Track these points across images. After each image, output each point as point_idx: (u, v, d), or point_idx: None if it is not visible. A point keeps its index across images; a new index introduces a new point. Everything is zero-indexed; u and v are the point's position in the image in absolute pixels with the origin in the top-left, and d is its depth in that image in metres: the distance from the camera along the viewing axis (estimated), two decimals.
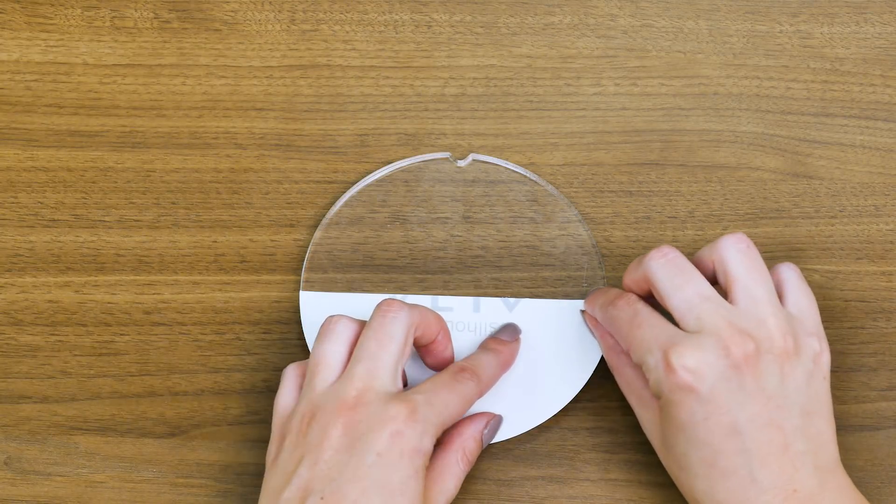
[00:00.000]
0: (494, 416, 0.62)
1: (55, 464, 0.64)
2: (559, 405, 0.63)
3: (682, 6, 0.71)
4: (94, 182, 0.68)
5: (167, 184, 0.68)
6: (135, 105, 0.70)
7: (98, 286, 0.67)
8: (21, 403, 0.65)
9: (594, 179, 0.68)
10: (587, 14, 0.71)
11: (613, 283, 0.66)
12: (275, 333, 0.66)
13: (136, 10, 0.71)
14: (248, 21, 0.71)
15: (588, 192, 0.68)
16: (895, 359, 0.66)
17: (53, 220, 0.68)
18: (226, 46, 0.71)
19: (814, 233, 0.67)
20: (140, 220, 0.68)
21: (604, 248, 0.67)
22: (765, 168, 0.69)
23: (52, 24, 0.71)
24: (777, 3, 0.71)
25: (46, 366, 0.65)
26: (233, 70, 0.70)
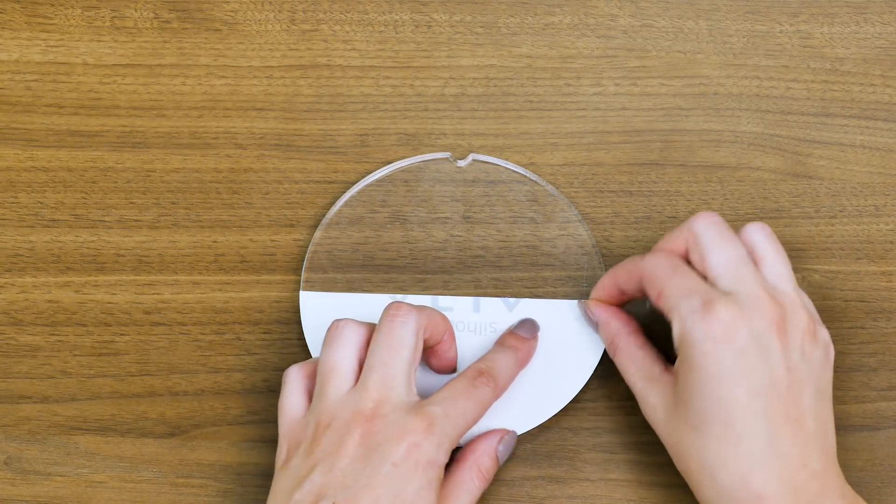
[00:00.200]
0: (508, 432, 0.62)
1: (55, 464, 0.64)
2: (559, 405, 0.63)
3: (682, 6, 0.71)
4: (94, 182, 0.68)
5: (167, 184, 0.68)
6: (135, 105, 0.70)
7: (98, 286, 0.67)
8: (21, 403, 0.65)
9: (594, 179, 0.68)
10: (587, 14, 0.71)
11: None
12: (275, 333, 0.66)
13: (136, 10, 0.71)
14: (248, 21, 0.71)
15: (588, 192, 0.68)
16: (895, 359, 0.65)
17: (53, 220, 0.68)
18: (226, 46, 0.71)
19: (814, 233, 0.67)
20: (140, 220, 0.68)
21: (604, 248, 0.67)
22: (765, 168, 0.69)
23: (52, 24, 0.71)
24: (777, 3, 0.71)
25: (46, 366, 0.65)
26: (233, 70, 0.70)
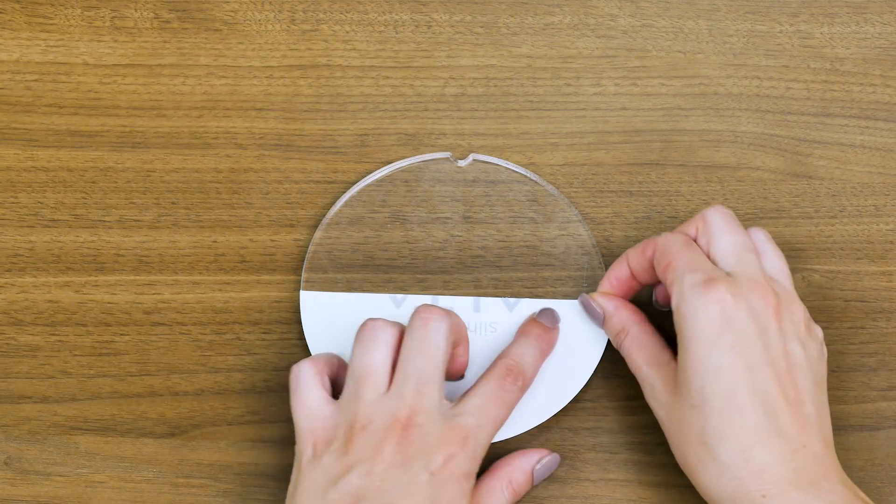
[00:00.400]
0: (550, 454, 0.62)
1: (55, 464, 0.64)
2: (559, 405, 0.63)
3: (682, 6, 0.71)
4: (94, 182, 0.68)
5: (167, 184, 0.68)
6: (135, 105, 0.70)
7: (98, 286, 0.67)
8: (21, 403, 0.65)
9: (594, 179, 0.68)
10: (587, 14, 0.71)
11: None
12: (275, 333, 0.66)
13: (136, 10, 0.71)
14: (248, 21, 0.71)
15: (588, 192, 0.68)
16: (895, 359, 0.66)
17: (53, 220, 0.68)
18: (226, 46, 0.71)
19: (814, 233, 0.67)
20: (140, 220, 0.68)
21: (604, 248, 0.67)
22: (765, 168, 0.69)
23: (52, 24, 0.71)
24: (777, 3, 0.71)
25: (46, 366, 0.65)
26: (233, 70, 0.70)
